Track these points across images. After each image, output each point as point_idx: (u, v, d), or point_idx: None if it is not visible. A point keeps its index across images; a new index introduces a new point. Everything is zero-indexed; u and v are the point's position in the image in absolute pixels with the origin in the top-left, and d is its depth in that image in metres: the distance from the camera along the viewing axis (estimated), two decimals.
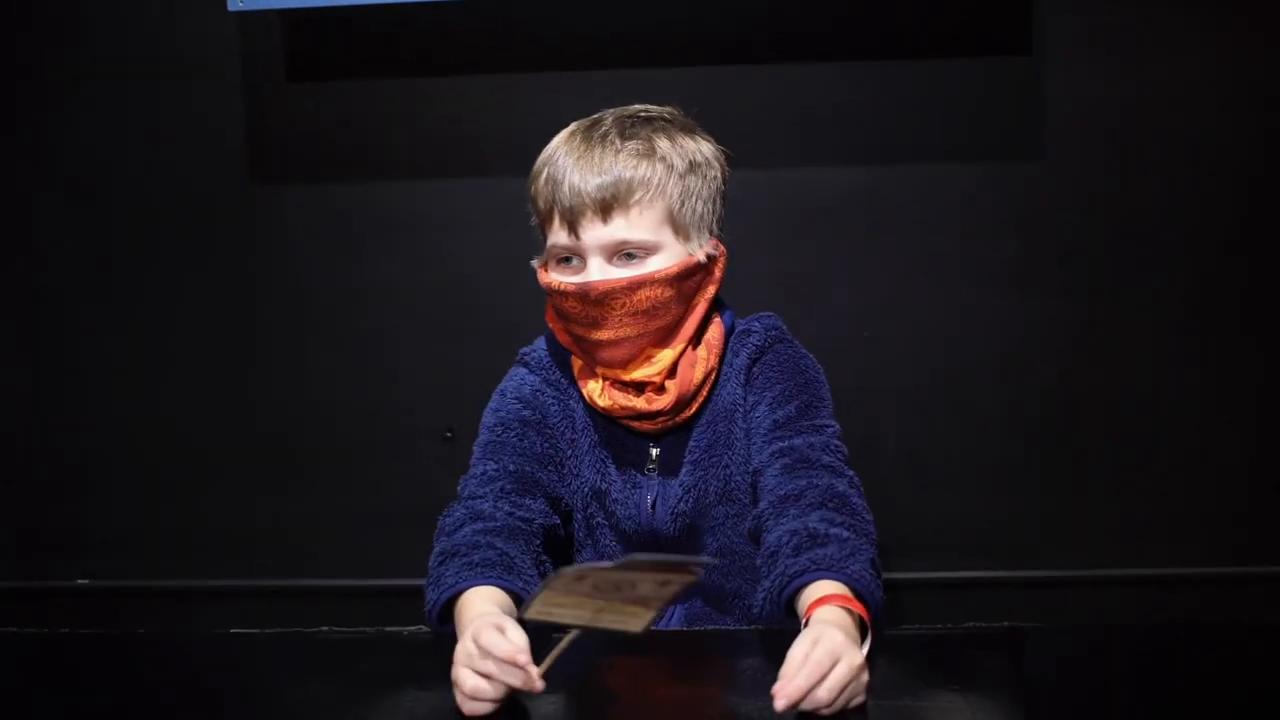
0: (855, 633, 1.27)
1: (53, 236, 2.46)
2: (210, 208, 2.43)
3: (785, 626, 1.36)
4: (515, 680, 1.17)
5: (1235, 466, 2.36)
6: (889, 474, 2.37)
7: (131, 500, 2.49)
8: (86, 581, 2.51)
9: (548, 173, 1.58)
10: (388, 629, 1.49)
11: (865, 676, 1.20)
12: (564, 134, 1.62)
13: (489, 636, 1.20)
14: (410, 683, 1.32)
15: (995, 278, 2.35)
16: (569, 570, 1.08)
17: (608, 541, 1.66)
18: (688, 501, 1.61)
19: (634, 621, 1.12)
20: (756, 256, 2.22)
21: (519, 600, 1.40)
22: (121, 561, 2.50)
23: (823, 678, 1.15)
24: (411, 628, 1.48)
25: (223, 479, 2.48)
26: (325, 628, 1.50)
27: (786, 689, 1.14)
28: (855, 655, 1.19)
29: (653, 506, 1.62)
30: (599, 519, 1.66)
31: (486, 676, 1.19)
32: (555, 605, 1.11)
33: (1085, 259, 2.34)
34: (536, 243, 1.65)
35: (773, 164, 2.33)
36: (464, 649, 1.23)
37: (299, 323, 2.45)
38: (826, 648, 1.17)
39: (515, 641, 1.19)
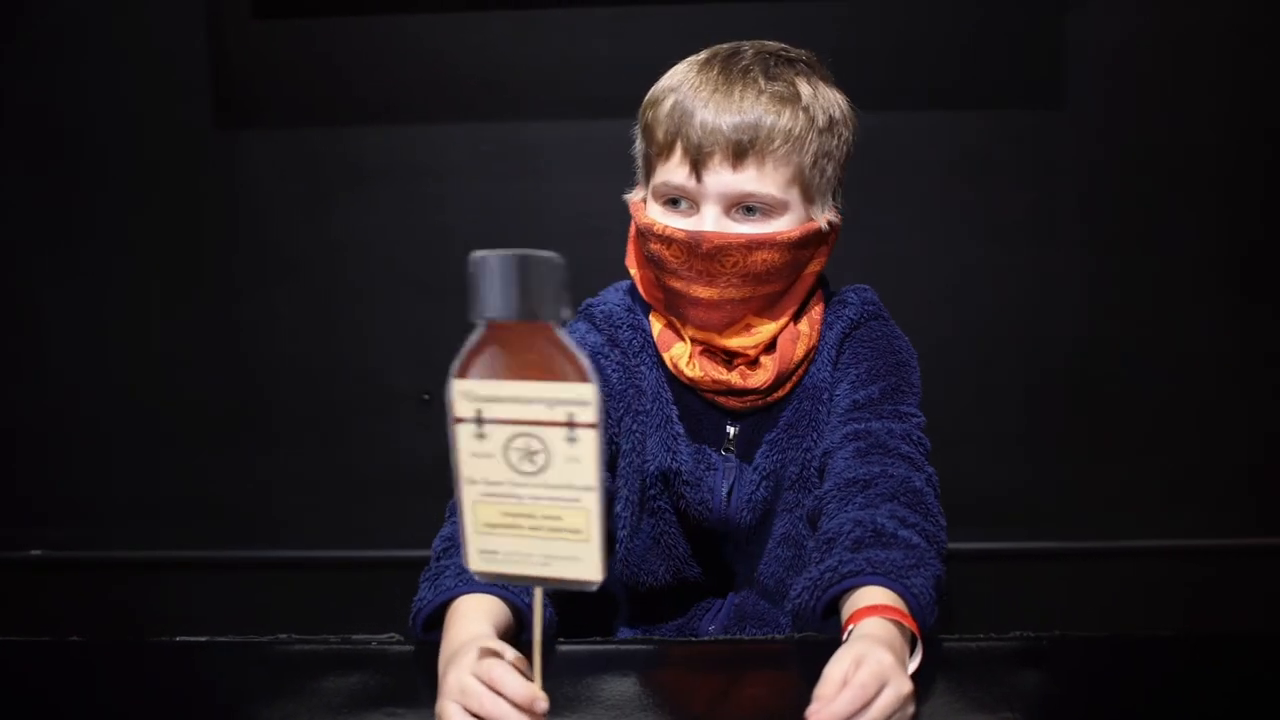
0: (901, 652, 1.11)
1: (0, 186, 2.32)
2: (171, 154, 2.30)
3: (820, 632, 1.23)
4: None
5: (1265, 430, 2.27)
6: None
7: (88, 467, 2.38)
8: (40, 553, 2.41)
9: (675, 101, 1.39)
10: (354, 638, 1.33)
11: (912, 708, 1.05)
12: (696, 60, 1.44)
13: (500, 674, 1.02)
14: (379, 705, 1.16)
15: (1011, 231, 2.26)
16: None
17: (667, 528, 1.49)
18: (765, 488, 1.46)
19: (584, 566, 0.95)
20: None
21: (520, 615, 1.23)
22: (78, 531, 2.40)
23: (866, 704, 1.00)
24: (381, 636, 1.32)
25: (185, 444, 2.37)
26: (284, 635, 1.35)
27: (823, 714, 0.99)
28: (904, 682, 1.04)
29: (728, 494, 1.47)
30: (661, 503, 1.49)
31: (480, 718, 1.01)
32: (492, 550, 0.96)
33: (1107, 212, 2.24)
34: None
35: None
36: (456, 682, 1.04)
37: (267, 278, 2.33)
38: (872, 670, 1.02)
39: (530, 685, 1.01)
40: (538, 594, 1.00)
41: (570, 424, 0.92)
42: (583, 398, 0.91)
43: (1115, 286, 2.25)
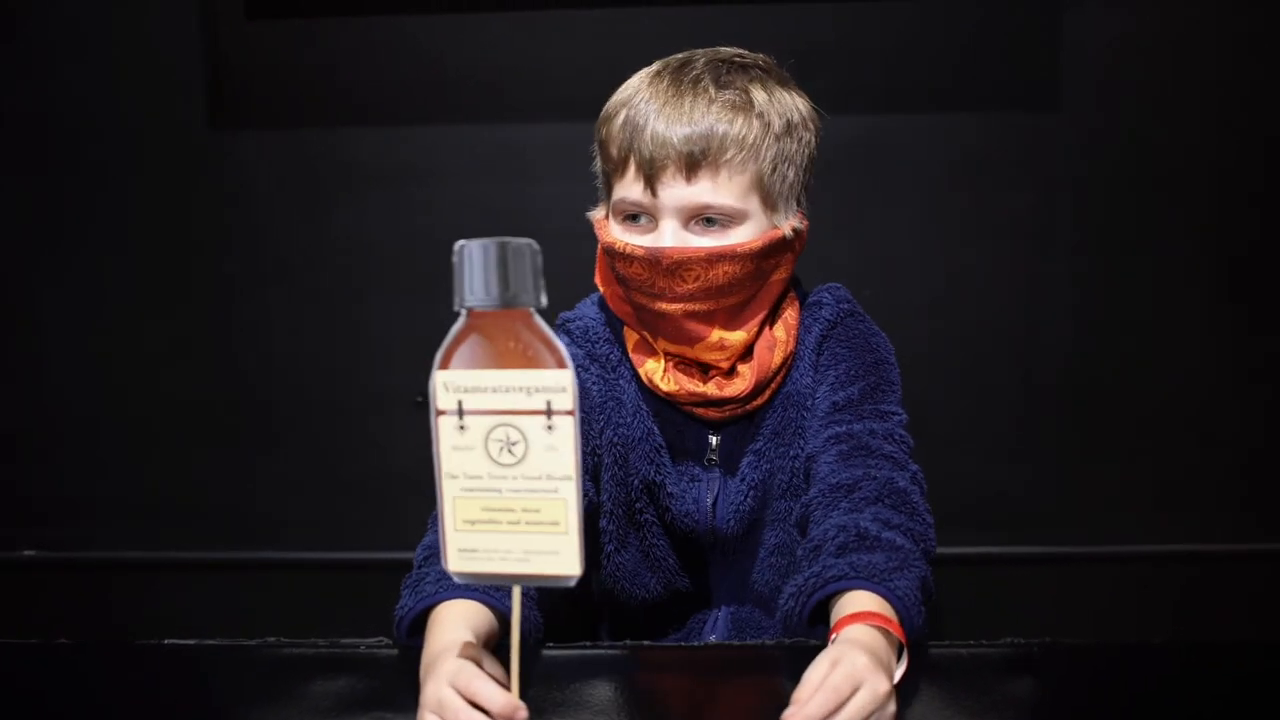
0: (886, 657, 1.11)
1: None
2: (166, 155, 2.29)
3: (809, 638, 1.23)
4: None
5: (1259, 436, 2.26)
6: None
7: (82, 467, 2.38)
8: (33, 553, 2.40)
9: (626, 115, 1.37)
10: (342, 642, 1.32)
11: (892, 707, 1.05)
12: (647, 73, 1.41)
13: (479, 685, 1.02)
14: (367, 709, 1.16)
15: (1005, 234, 2.25)
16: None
17: (655, 540, 1.48)
18: (752, 499, 1.45)
19: (563, 559, 0.96)
20: None
21: (504, 621, 1.21)
22: (73, 532, 2.39)
23: (840, 705, 1.01)
24: (370, 640, 1.31)
25: (179, 444, 2.37)
26: (272, 639, 1.34)
27: (797, 717, 1.00)
28: (880, 682, 1.04)
29: (713, 505, 1.46)
30: (648, 515, 1.47)
31: None
32: (471, 548, 0.97)
33: (1103, 214, 2.23)
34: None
35: None
36: (434, 693, 1.03)
37: (262, 279, 2.32)
38: (846, 671, 1.03)
39: (508, 695, 1.01)
40: (516, 593, 1.00)
41: (548, 412, 0.93)
42: (560, 384, 0.92)
43: (1111, 289, 2.25)
